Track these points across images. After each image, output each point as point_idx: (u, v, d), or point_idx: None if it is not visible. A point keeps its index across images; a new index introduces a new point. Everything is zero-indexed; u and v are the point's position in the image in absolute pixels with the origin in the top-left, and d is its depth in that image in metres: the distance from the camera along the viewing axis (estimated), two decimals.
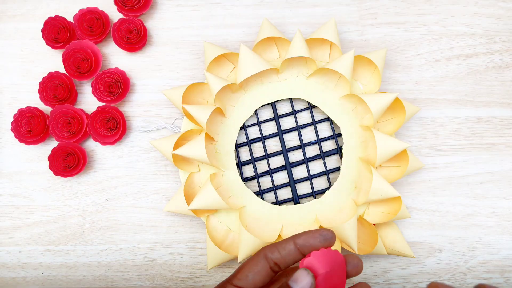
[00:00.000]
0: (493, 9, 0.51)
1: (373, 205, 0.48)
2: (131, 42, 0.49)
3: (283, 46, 0.49)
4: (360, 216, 0.47)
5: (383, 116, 0.48)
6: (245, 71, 0.46)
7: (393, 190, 0.44)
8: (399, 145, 0.45)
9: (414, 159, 0.46)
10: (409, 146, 0.45)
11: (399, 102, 0.47)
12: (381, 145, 0.45)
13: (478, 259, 0.49)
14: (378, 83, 0.48)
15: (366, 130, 0.47)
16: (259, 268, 0.33)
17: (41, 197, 0.50)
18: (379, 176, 0.45)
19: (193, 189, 0.48)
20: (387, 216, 0.47)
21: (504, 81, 0.51)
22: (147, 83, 0.51)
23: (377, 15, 0.51)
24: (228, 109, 0.49)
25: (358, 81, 0.49)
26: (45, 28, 0.49)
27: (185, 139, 0.48)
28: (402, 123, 0.47)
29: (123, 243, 0.50)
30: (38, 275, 0.50)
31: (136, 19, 0.49)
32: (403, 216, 0.46)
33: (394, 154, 0.45)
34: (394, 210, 0.46)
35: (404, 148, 0.45)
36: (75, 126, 0.48)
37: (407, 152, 0.46)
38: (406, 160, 0.46)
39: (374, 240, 0.46)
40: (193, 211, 0.46)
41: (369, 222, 0.47)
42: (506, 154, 0.50)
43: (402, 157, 0.47)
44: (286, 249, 0.33)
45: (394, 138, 0.46)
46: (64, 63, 0.49)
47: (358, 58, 0.48)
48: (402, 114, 0.47)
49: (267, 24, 0.48)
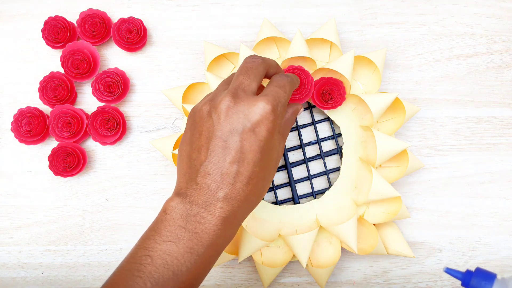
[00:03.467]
0: (493, 9, 0.51)
1: (373, 205, 0.48)
2: (131, 42, 0.49)
3: (283, 46, 0.49)
4: (360, 216, 0.47)
5: (383, 116, 0.48)
6: None
7: (393, 190, 0.44)
8: (399, 145, 0.45)
9: (414, 159, 0.46)
10: (409, 146, 0.45)
11: (399, 102, 0.47)
12: (381, 145, 0.45)
13: (478, 259, 0.49)
14: (378, 83, 0.48)
15: (366, 130, 0.47)
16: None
17: (41, 197, 0.50)
18: (379, 176, 0.44)
19: None
20: (387, 216, 0.47)
21: (504, 81, 0.51)
22: (147, 83, 0.51)
23: (377, 15, 0.51)
24: None
25: (358, 81, 0.49)
26: (45, 28, 0.49)
27: None
28: (402, 123, 0.47)
29: (123, 243, 0.50)
30: (38, 275, 0.50)
31: (136, 19, 0.49)
32: (403, 216, 0.46)
33: (394, 154, 0.45)
34: (394, 210, 0.46)
35: (404, 148, 0.45)
36: (75, 126, 0.48)
37: (407, 152, 0.46)
38: (406, 160, 0.46)
39: (374, 240, 0.46)
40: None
41: (369, 222, 0.47)
42: (506, 154, 0.50)
43: (402, 157, 0.47)
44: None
45: (394, 138, 0.46)
46: (63, 66, 0.49)
47: (358, 58, 0.48)
48: (402, 114, 0.47)
49: (267, 24, 0.48)
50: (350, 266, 0.49)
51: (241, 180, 0.34)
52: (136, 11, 0.51)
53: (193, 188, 0.35)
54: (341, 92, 0.46)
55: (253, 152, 0.34)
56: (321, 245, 0.48)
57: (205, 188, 0.34)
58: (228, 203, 0.34)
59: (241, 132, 0.34)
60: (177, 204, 0.34)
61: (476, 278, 0.37)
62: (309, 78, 0.45)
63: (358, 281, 0.49)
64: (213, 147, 0.34)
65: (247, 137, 0.34)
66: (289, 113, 0.40)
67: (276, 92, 0.36)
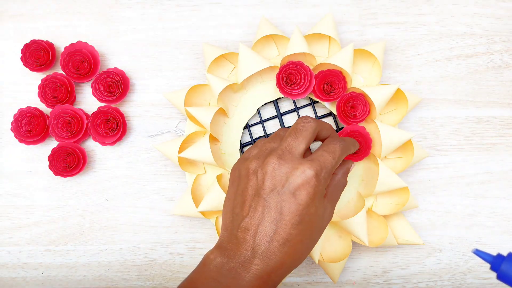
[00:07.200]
0: (493, 9, 0.51)
1: (380, 197, 0.48)
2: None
3: (282, 44, 0.49)
4: (368, 208, 0.47)
5: (385, 108, 0.48)
6: (246, 70, 0.46)
7: (400, 180, 0.45)
8: (404, 135, 0.45)
9: (419, 149, 0.47)
10: (413, 135, 0.45)
11: (401, 93, 0.47)
12: (386, 136, 0.45)
13: (478, 259, 0.49)
14: (378, 75, 0.48)
15: (370, 123, 0.47)
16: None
17: (41, 197, 0.50)
18: (386, 167, 0.45)
19: (200, 191, 0.48)
20: (395, 207, 0.47)
21: (504, 81, 0.51)
22: (147, 83, 0.51)
23: (377, 15, 0.51)
24: (230, 109, 0.49)
25: (359, 75, 0.49)
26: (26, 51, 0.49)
27: (189, 142, 0.48)
28: (404, 114, 0.47)
29: (123, 243, 0.50)
30: (38, 275, 0.50)
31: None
32: (412, 206, 0.46)
33: (399, 145, 0.45)
34: (402, 201, 0.46)
35: (409, 138, 0.45)
36: (75, 126, 0.48)
37: (411, 142, 0.46)
38: (411, 150, 0.46)
39: (385, 232, 0.46)
40: (202, 213, 0.46)
41: (378, 214, 0.47)
42: (506, 154, 0.50)
43: (407, 148, 0.47)
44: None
45: (398, 129, 0.46)
46: (63, 68, 0.49)
47: (357, 51, 0.48)
48: (404, 105, 0.47)
49: (265, 23, 0.48)
50: (350, 266, 0.49)
51: (277, 240, 0.34)
52: (136, 11, 0.51)
53: (233, 243, 0.35)
54: (342, 82, 0.46)
55: (291, 214, 0.34)
56: (331, 239, 0.48)
57: (243, 243, 0.35)
58: (264, 261, 0.34)
59: (281, 193, 0.35)
60: (215, 256, 0.35)
61: (508, 263, 0.36)
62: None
63: (358, 281, 0.49)
64: (255, 205, 0.35)
65: (287, 199, 0.35)
66: (339, 175, 0.40)
67: (323, 157, 0.36)
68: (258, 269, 0.34)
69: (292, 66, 0.46)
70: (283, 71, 0.46)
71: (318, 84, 0.47)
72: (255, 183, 0.36)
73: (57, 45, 0.51)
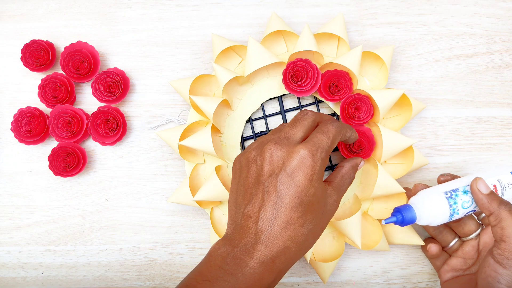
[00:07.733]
0: (493, 9, 0.51)
1: (377, 201, 0.48)
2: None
3: (291, 40, 0.49)
4: (364, 211, 0.47)
5: (389, 113, 0.48)
6: (253, 64, 0.46)
7: (398, 185, 0.45)
8: (406, 141, 0.45)
9: (419, 156, 0.46)
10: (415, 142, 0.45)
11: (405, 98, 0.47)
12: (388, 140, 0.45)
13: None
14: (385, 79, 0.48)
15: (373, 126, 0.47)
16: None
17: (41, 197, 0.50)
18: (385, 172, 0.45)
19: (198, 180, 0.48)
20: (391, 212, 0.47)
21: (504, 81, 0.51)
22: (147, 83, 0.51)
23: (377, 15, 0.51)
24: (235, 101, 0.49)
25: (365, 77, 0.49)
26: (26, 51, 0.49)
27: (191, 131, 0.48)
28: (408, 120, 0.47)
29: (123, 243, 0.50)
30: (38, 275, 0.50)
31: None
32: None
33: (400, 150, 0.45)
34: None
35: (410, 145, 0.45)
36: (75, 126, 0.48)
37: (412, 149, 0.46)
38: (412, 157, 0.46)
39: (378, 236, 0.46)
40: (197, 202, 0.46)
41: (373, 217, 0.47)
42: (506, 154, 0.50)
43: (407, 154, 0.47)
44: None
45: (400, 134, 0.46)
46: (63, 68, 0.49)
47: (365, 54, 0.48)
48: (408, 111, 0.47)
49: (276, 18, 0.48)
50: (350, 266, 0.49)
51: (279, 224, 0.35)
52: (136, 11, 0.51)
53: (237, 232, 0.36)
54: (348, 83, 0.46)
55: (290, 196, 0.35)
56: (325, 239, 0.48)
57: (246, 231, 0.35)
58: (267, 246, 0.34)
59: (279, 177, 0.35)
60: (220, 246, 0.36)
61: (404, 212, 0.41)
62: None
63: (358, 281, 0.49)
64: (255, 191, 0.36)
65: (285, 181, 0.35)
66: (347, 168, 0.40)
67: (317, 138, 0.37)
68: (261, 255, 0.34)
69: (300, 64, 0.46)
70: (290, 68, 0.46)
71: (324, 84, 0.47)
72: (255, 171, 0.37)
73: (57, 45, 0.51)
